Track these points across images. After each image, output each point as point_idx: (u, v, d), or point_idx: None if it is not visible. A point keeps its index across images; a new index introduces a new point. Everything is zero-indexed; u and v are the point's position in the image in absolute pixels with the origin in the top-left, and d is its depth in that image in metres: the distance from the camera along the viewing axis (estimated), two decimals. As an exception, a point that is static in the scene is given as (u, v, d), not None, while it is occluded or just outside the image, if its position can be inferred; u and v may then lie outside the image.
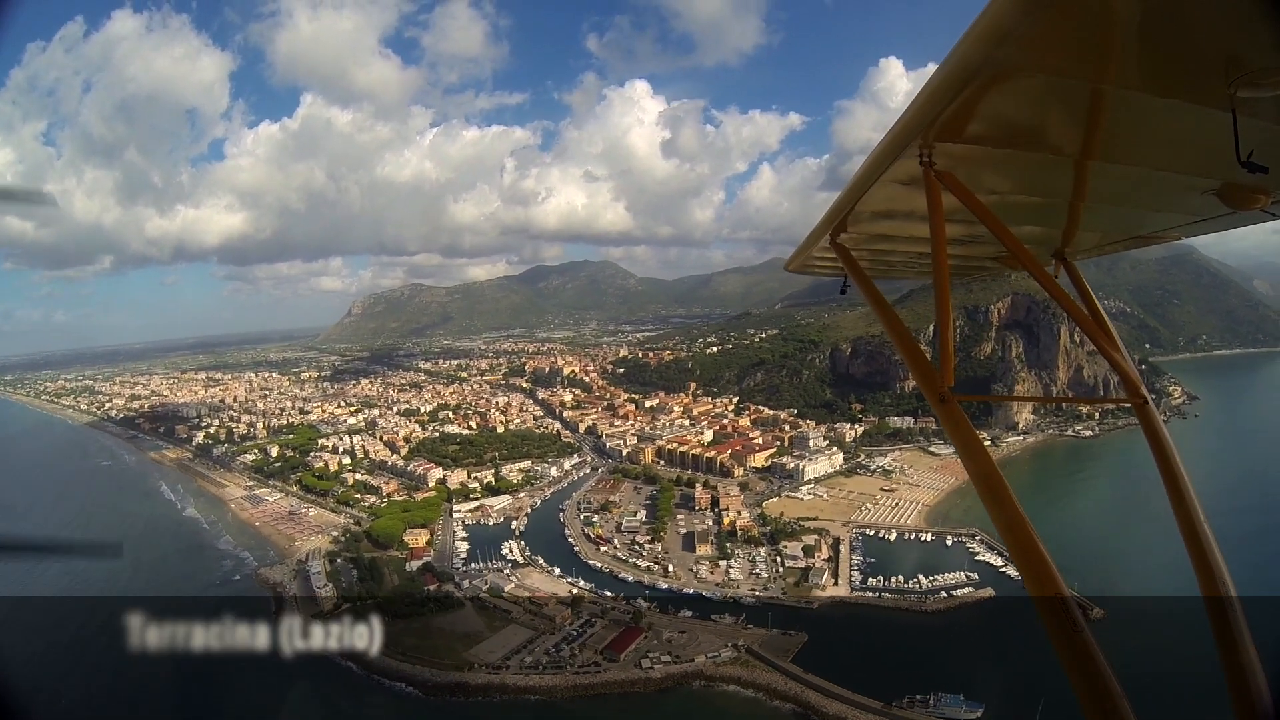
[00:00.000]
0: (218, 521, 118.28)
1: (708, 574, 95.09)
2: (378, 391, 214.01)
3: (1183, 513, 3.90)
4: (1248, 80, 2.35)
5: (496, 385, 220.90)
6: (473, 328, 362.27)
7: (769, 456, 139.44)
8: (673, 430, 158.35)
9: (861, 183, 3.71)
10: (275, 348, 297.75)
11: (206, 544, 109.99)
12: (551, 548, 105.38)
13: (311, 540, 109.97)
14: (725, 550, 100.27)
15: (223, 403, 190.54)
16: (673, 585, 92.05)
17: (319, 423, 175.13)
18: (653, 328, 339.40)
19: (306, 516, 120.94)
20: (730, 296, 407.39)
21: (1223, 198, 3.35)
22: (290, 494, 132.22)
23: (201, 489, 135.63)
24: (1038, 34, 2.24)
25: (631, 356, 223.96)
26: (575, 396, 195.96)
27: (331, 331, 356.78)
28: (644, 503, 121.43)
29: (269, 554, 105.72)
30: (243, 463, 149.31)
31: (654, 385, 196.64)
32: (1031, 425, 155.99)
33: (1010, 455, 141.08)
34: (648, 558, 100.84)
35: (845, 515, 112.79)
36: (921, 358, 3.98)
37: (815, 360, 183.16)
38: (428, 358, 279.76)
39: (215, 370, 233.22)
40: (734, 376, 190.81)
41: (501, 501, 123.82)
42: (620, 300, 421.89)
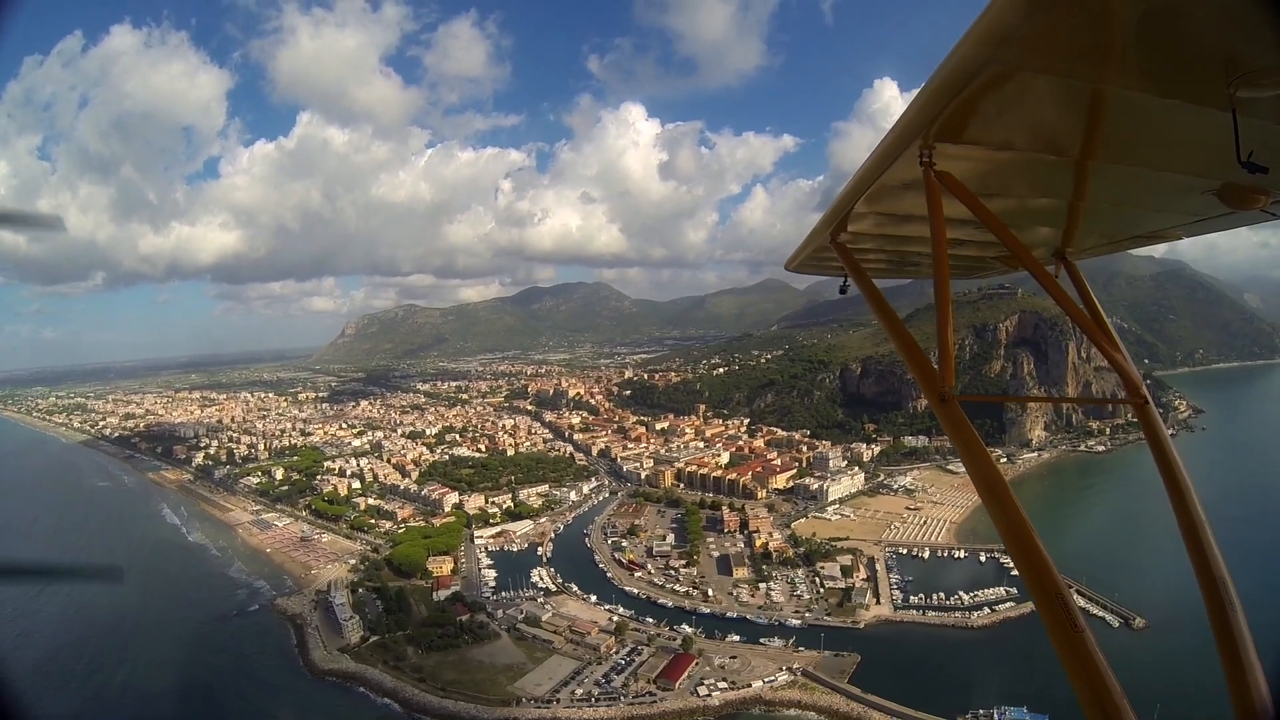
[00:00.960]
0: (226, 547, 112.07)
1: (748, 597, 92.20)
2: (379, 413, 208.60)
3: (1183, 513, 3.80)
4: (1248, 80, 2.35)
5: (500, 408, 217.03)
6: (467, 349, 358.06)
7: (790, 478, 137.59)
8: (688, 452, 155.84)
9: (862, 183, 3.63)
10: (269, 367, 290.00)
11: (216, 571, 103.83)
12: (582, 574, 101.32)
13: (329, 568, 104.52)
14: (762, 573, 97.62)
15: (220, 423, 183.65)
16: (715, 609, 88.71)
17: (322, 444, 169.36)
18: (649, 349, 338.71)
19: (319, 543, 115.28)
20: (725, 318, 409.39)
21: (1223, 198, 3.30)
22: (300, 518, 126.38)
23: (205, 512, 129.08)
24: (1038, 34, 2.22)
25: (637, 379, 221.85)
26: (583, 419, 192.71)
27: (325, 352, 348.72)
28: (670, 526, 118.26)
29: (284, 583, 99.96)
30: (246, 485, 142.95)
31: (662, 407, 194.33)
32: (1045, 442, 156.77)
33: (1028, 471, 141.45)
34: (684, 582, 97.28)
35: (875, 535, 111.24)
36: (922, 358, 3.81)
37: (825, 381, 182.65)
38: (425, 379, 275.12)
39: (209, 389, 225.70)
40: (744, 398, 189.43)
41: (523, 526, 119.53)
42: (614, 322, 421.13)
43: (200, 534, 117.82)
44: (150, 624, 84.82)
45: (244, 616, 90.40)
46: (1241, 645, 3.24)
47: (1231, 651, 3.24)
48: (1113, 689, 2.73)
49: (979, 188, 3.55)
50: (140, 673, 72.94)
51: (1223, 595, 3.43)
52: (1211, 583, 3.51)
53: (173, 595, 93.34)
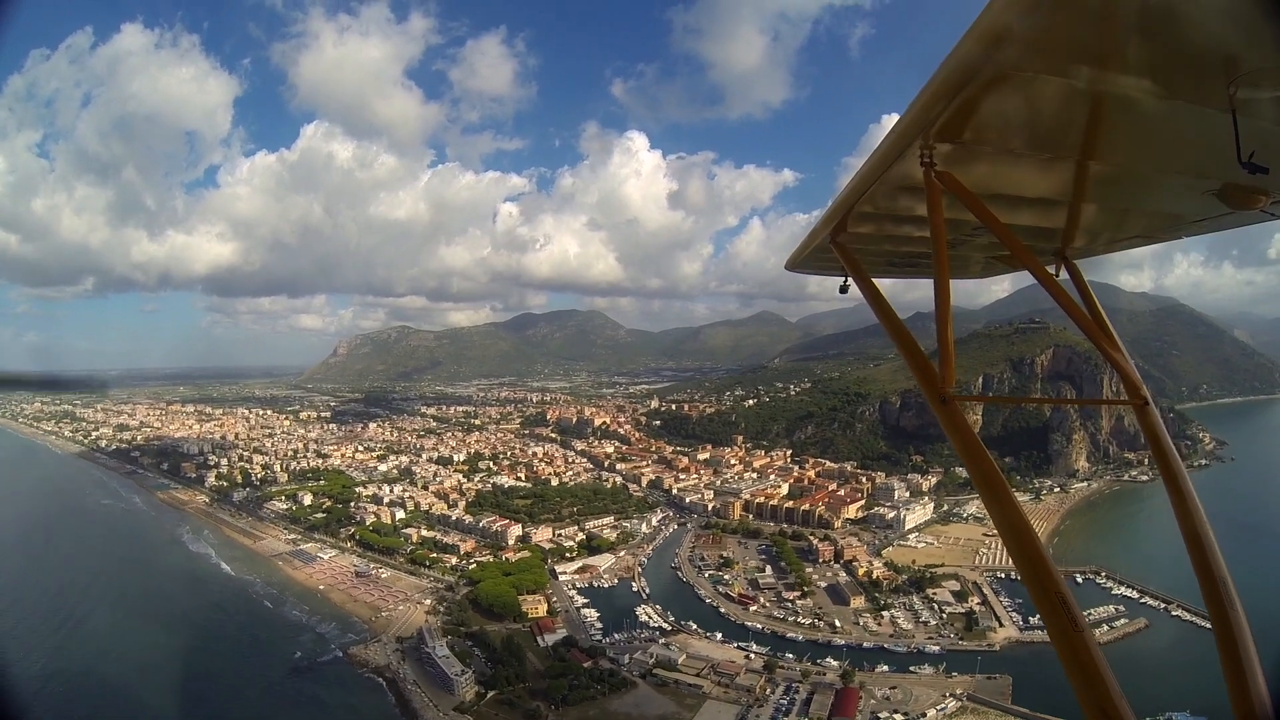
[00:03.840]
0: (272, 584, 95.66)
1: (876, 626, 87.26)
2: (395, 436, 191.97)
3: (1184, 514, 3.72)
4: (1248, 80, 2.32)
5: (519, 434, 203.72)
6: (461, 374, 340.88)
7: (859, 508, 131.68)
8: (740, 484, 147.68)
9: (862, 183, 3.58)
10: (259, 383, 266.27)
11: (268, 612, 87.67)
12: (690, 609, 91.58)
13: (400, 609, 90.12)
14: (877, 601, 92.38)
15: (224, 439, 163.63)
16: (848, 640, 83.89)
17: (345, 468, 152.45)
18: (648, 380, 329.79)
19: (378, 579, 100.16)
20: (720, 349, 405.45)
21: (1223, 198, 3.24)
22: (345, 550, 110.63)
23: (232, 540, 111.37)
24: (1038, 34, 2.19)
25: (664, 409, 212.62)
26: (617, 449, 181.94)
27: (316, 370, 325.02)
28: (760, 557, 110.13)
29: (353, 626, 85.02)
30: (273, 510, 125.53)
31: (698, 438, 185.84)
32: (1089, 473, 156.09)
33: (1083, 499, 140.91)
34: (805, 614, 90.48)
35: (968, 560, 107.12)
36: (923, 359, 3.66)
37: (865, 413, 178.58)
38: (425, 402, 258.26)
39: (201, 404, 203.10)
40: (782, 429, 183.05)
41: (605, 561, 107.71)
42: (610, 351, 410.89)
43: (234, 566, 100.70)
44: (219, 678, 69.27)
45: (320, 669, 75.31)
46: (1242, 645, 3.15)
47: (1231, 651, 3.15)
48: (1112, 689, 2.66)
49: (979, 188, 3.42)
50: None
51: (1223, 595, 3.32)
52: (1212, 582, 3.39)
53: (232, 641, 77.65)
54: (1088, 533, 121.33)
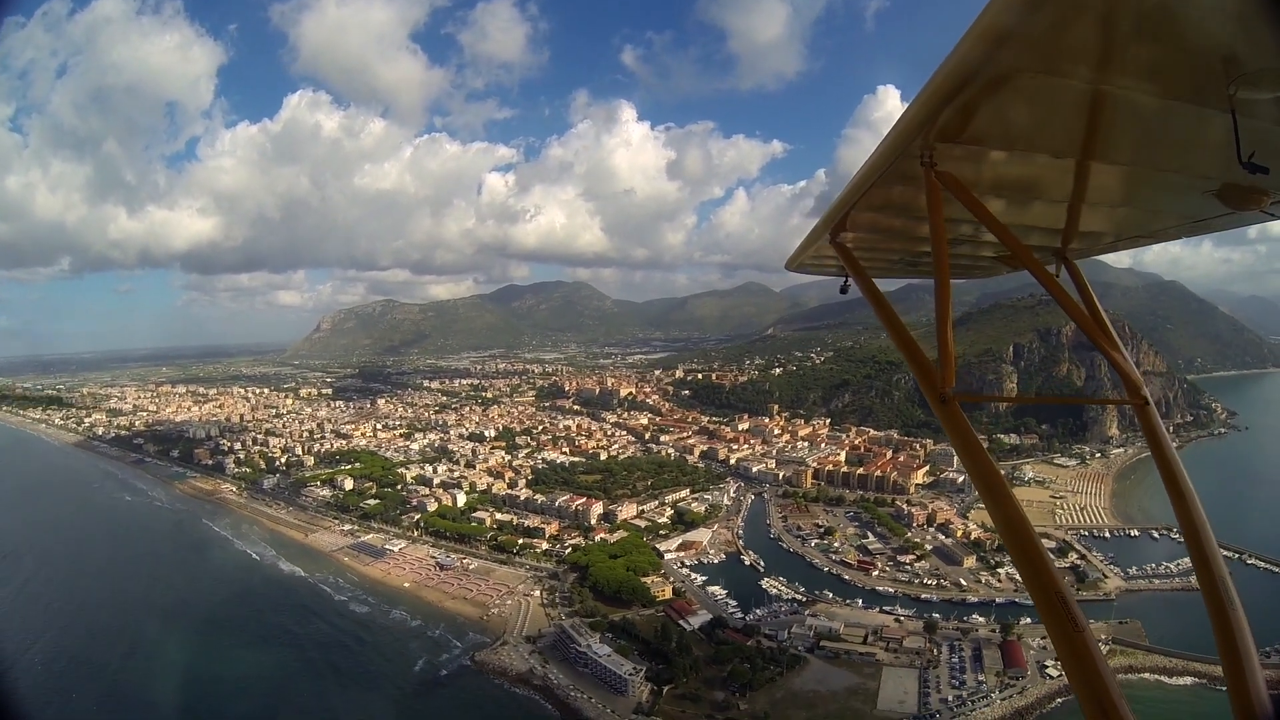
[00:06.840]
0: (350, 584, 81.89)
1: (997, 583, 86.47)
2: (410, 413, 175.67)
3: (1184, 513, 3.67)
4: (1248, 81, 2.29)
5: (539, 407, 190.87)
6: (449, 347, 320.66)
7: (926, 473, 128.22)
8: (796, 452, 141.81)
9: (862, 182, 3.50)
10: (244, 361, 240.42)
11: (363, 616, 74.40)
12: (811, 579, 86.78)
13: (510, 604, 78.73)
14: (988, 561, 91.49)
15: (229, 421, 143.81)
16: (981, 598, 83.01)
17: (373, 448, 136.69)
18: (640, 350, 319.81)
19: (466, 571, 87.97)
20: (707, 320, 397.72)
21: (1223, 198, 3.21)
22: (415, 540, 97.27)
23: (279, 535, 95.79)
24: (1038, 34, 2.16)
25: (691, 379, 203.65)
26: (651, 420, 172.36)
27: (300, 346, 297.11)
28: (852, 524, 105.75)
29: (465, 628, 73.20)
30: (313, 498, 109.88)
31: (732, 407, 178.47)
32: (1121, 440, 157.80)
33: (1127, 463, 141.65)
34: (925, 575, 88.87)
35: (1049, 521, 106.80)
36: (923, 358, 3.59)
37: (901, 381, 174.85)
38: (422, 376, 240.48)
39: (189, 384, 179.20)
40: (819, 398, 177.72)
41: (703, 536, 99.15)
42: (597, 321, 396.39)
43: (298, 564, 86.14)
44: (341, 697, 56.82)
45: (451, 681, 63.62)
46: (1242, 644, 3.11)
47: (1231, 651, 3.11)
48: (1112, 688, 2.63)
49: (979, 188, 3.40)
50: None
51: (1223, 594, 3.28)
52: (1212, 582, 3.35)
53: (337, 652, 64.72)
54: (1142, 493, 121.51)
